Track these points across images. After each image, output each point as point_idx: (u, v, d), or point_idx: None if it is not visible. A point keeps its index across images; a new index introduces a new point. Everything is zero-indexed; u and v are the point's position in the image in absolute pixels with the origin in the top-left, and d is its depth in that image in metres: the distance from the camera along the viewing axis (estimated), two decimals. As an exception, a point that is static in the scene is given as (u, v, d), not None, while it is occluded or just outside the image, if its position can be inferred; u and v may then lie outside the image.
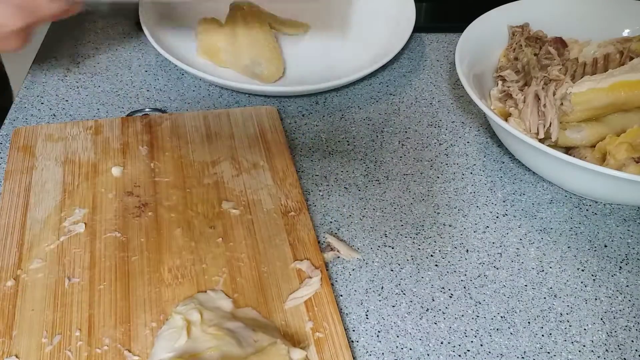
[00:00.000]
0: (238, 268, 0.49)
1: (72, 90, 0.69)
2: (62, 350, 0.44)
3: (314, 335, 0.45)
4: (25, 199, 0.54)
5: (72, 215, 0.53)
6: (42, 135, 0.60)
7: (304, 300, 0.47)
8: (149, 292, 0.47)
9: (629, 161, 0.53)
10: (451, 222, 0.56)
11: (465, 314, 0.49)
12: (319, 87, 0.67)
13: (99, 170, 0.57)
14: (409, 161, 0.62)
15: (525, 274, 0.52)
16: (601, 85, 0.57)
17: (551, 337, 0.47)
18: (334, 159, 0.61)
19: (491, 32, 0.67)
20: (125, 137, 0.61)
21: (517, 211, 0.57)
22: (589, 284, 0.51)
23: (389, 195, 0.58)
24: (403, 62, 0.75)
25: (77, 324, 0.45)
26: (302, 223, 0.53)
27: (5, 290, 0.47)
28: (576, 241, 0.55)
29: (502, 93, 0.62)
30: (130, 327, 0.45)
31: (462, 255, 0.53)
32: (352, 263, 0.52)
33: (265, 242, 0.52)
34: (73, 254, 0.50)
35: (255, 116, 0.64)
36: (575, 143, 0.58)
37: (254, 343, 0.43)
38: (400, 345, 0.46)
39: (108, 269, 0.49)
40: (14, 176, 0.56)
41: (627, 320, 0.49)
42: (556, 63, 0.62)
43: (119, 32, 0.78)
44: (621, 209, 0.57)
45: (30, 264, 0.49)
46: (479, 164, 0.62)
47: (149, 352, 0.44)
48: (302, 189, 0.57)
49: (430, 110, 0.68)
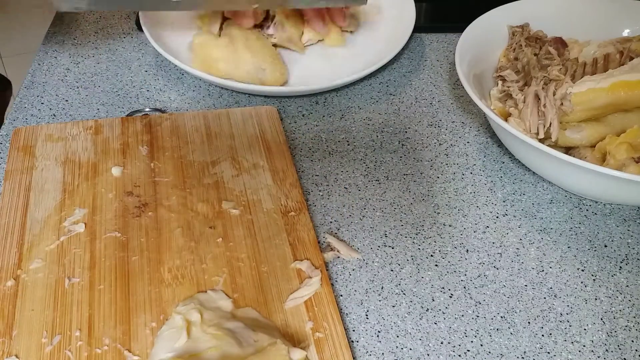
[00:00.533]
0: (238, 268, 0.49)
1: (72, 90, 0.69)
2: (62, 350, 0.44)
3: (314, 335, 0.45)
4: (25, 199, 0.54)
5: (72, 215, 0.53)
6: (42, 135, 0.60)
7: (304, 300, 0.47)
8: (149, 292, 0.47)
9: (629, 161, 0.53)
10: (451, 222, 0.56)
11: (465, 314, 0.49)
12: (319, 87, 0.67)
13: (99, 170, 0.57)
14: (409, 161, 0.62)
15: (525, 274, 0.52)
16: (601, 85, 0.57)
17: (551, 337, 0.47)
18: (334, 159, 0.61)
19: (491, 32, 0.67)
20: (125, 137, 0.61)
21: (517, 211, 0.57)
22: (589, 284, 0.51)
23: (389, 195, 0.58)
24: (403, 62, 0.75)
25: (77, 324, 0.45)
26: (302, 223, 0.53)
27: (5, 290, 0.47)
28: (576, 241, 0.55)
29: (502, 93, 0.62)
30: (130, 327, 0.45)
31: (462, 255, 0.53)
32: (352, 263, 0.52)
33: (265, 242, 0.52)
34: (73, 254, 0.50)
35: (255, 116, 0.64)
36: (575, 143, 0.58)
37: (254, 343, 0.43)
38: (400, 345, 0.46)
39: (108, 269, 0.49)
40: (14, 176, 0.56)
41: (627, 320, 0.49)
42: (556, 63, 0.62)
43: (119, 32, 0.78)
44: (621, 209, 0.57)
45: (30, 264, 0.49)
46: (479, 164, 0.62)
47: (149, 352, 0.44)
48: (302, 189, 0.57)
49: (430, 110, 0.68)
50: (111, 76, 0.71)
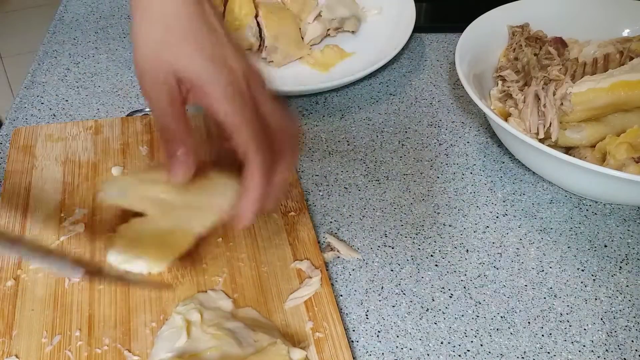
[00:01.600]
0: (238, 268, 0.49)
1: (72, 90, 0.69)
2: (62, 350, 0.44)
3: (314, 335, 0.45)
4: (25, 199, 0.54)
5: (72, 215, 0.53)
6: (42, 135, 0.60)
7: (304, 300, 0.47)
8: (148, 292, 0.47)
9: (629, 161, 0.53)
10: (451, 222, 0.56)
11: (465, 314, 0.49)
12: (319, 87, 0.67)
13: (99, 170, 0.57)
14: (409, 161, 0.62)
15: (525, 274, 0.52)
16: (601, 85, 0.56)
17: (551, 337, 0.47)
18: (334, 159, 0.61)
19: (491, 32, 0.67)
20: (125, 137, 0.61)
21: (517, 211, 0.57)
22: (589, 284, 0.51)
23: (389, 195, 0.58)
24: (403, 62, 0.75)
25: (77, 324, 0.45)
26: (302, 223, 0.53)
27: (5, 290, 0.47)
28: (576, 241, 0.55)
29: (502, 93, 0.62)
30: (130, 327, 0.45)
31: (462, 255, 0.53)
32: (352, 263, 0.52)
33: (265, 242, 0.52)
34: (73, 254, 0.50)
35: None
36: (575, 143, 0.58)
37: (254, 343, 0.43)
38: (400, 345, 0.46)
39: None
40: (14, 176, 0.56)
41: (627, 320, 0.49)
42: (556, 63, 0.62)
43: (119, 32, 0.78)
44: (621, 209, 0.57)
45: (31, 264, 0.49)
46: (479, 164, 0.62)
47: (149, 352, 0.44)
48: (302, 189, 0.57)
49: (430, 110, 0.68)
50: (111, 76, 0.71)
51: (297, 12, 0.75)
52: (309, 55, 0.72)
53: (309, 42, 0.74)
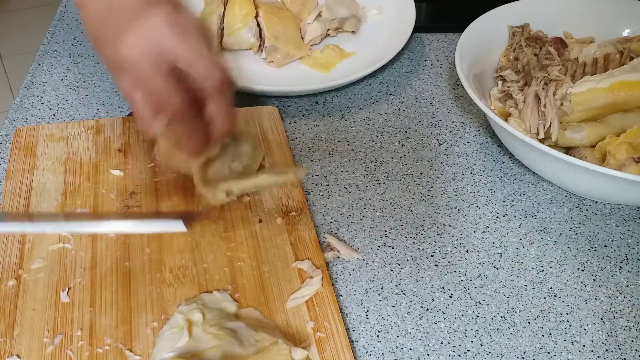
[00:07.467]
0: (239, 268, 0.50)
1: (72, 90, 0.69)
2: (64, 350, 0.44)
3: (315, 335, 0.45)
4: (27, 199, 0.54)
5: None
6: (44, 135, 0.60)
7: (305, 300, 0.47)
8: (150, 292, 0.48)
9: (629, 161, 0.53)
10: (451, 222, 0.56)
11: (465, 314, 0.49)
12: (319, 87, 0.67)
13: (100, 170, 0.57)
14: (409, 161, 0.62)
15: (525, 274, 0.52)
16: (601, 85, 0.57)
17: (551, 337, 0.47)
18: (334, 159, 0.62)
19: (491, 32, 0.67)
20: (126, 136, 0.61)
21: (517, 211, 0.57)
22: (589, 284, 0.51)
23: (389, 195, 0.58)
24: (403, 62, 0.75)
25: (78, 324, 0.45)
26: (303, 223, 0.53)
27: (6, 290, 0.47)
28: (576, 241, 0.55)
29: (502, 93, 0.62)
30: (132, 326, 0.45)
31: (462, 255, 0.53)
32: (352, 263, 0.52)
33: (266, 242, 0.52)
34: (74, 254, 0.50)
35: (255, 116, 0.64)
36: (575, 143, 0.58)
37: (255, 343, 0.43)
38: (400, 345, 0.46)
39: (109, 269, 0.49)
40: (15, 176, 0.56)
41: (627, 320, 0.49)
42: (556, 63, 0.62)
43: (120, 32, 0.78)
44: (621, 209, 0.58)
45: (32, 263, 0.49)
46: (479, 164, 0.62)
47: (150, 352, 0.44)
48: (302, 189, 0.57)
49: (430, 110, 0.68)
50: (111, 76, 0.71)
51: (297, 12, 0.75)
52: (309, 55, 0.73)
53: (309, 42, 0.74)
